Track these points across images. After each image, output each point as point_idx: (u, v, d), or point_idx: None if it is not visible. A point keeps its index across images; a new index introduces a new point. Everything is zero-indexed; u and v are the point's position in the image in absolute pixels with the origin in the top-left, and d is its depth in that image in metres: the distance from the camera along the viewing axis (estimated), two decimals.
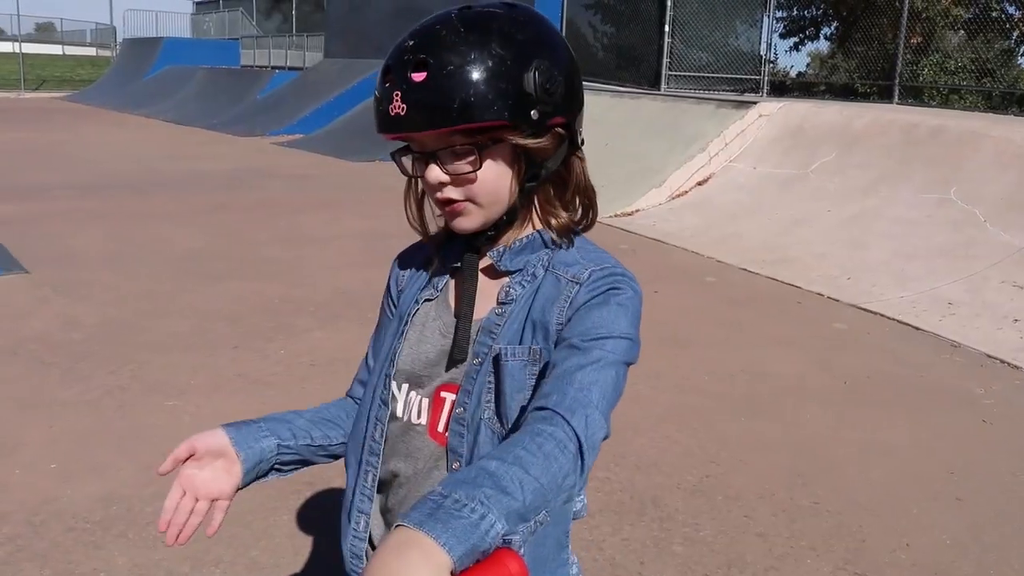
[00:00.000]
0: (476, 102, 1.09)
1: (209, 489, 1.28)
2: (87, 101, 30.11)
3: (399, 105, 1.10)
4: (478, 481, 0.87)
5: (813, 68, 21.74)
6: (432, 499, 0.85)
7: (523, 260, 1.23)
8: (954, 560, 3.11)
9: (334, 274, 6.81)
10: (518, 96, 1.11)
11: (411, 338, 1.29)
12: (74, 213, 9.04)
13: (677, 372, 4.88)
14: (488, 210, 1.19)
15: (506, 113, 1.11)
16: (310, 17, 30.10)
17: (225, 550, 2.98)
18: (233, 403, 4.25)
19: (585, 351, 1.10)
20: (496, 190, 1.17)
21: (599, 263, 1.21)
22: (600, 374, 1.08)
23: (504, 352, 1.18)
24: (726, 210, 9.07)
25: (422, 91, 1.09)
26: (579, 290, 1.17)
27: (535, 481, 0.90)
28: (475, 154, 1.13)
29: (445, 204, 1.19)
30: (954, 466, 3.87)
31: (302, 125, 18.96)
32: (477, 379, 1.20)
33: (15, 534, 3.04)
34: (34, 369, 4.61)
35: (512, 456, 0.92)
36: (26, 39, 39.80)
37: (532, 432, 0.98)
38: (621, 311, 1.15)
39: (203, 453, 1.27)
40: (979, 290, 6.28)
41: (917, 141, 8.62)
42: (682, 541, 3.17)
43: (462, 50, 1.10)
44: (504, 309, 1.22)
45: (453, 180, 1.16)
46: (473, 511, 0.83)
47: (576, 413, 1.01)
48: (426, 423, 1.26)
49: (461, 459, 1.21)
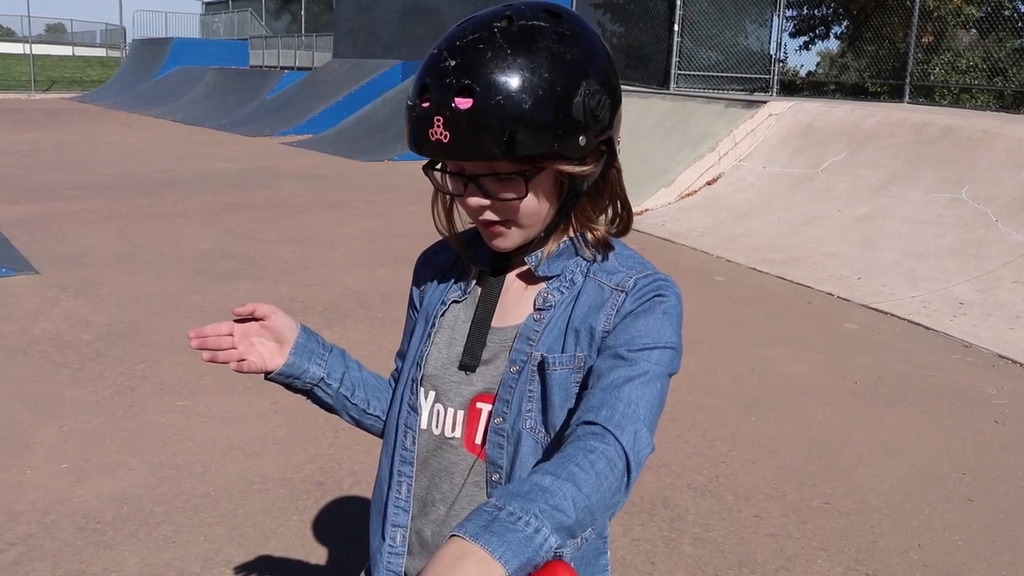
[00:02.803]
0: (525, 135, 1.04)
1: (250, 351, 1.29)
2: (97, 102, 30.23)
3: (441, 132, 1.05)
4: (531, 495, 0.86)
5: (823, 67, 21.71)
6: (486, 511, 0.84)
7: (560, 266, 1.21)
8: (966, 561, 3.10)
9: (343, 274, 6.81)
10: (567, 125, 1.07)
11: (440, 342, 1.26)
12: (84, 213, 9.08)
13: (687, 372, 4.87)
14: (528, 231, 1.17)
15: (556, 145, 1.07)
16: (319, 17, 30.17)
17: (236, 550, 2.98)
18: (243, 403, 4.26)
19: (632, 362, 1.09)
20: (538, 213, 1.15)
21: (641, 270, 1.20)
22: (647, 388, 1.07)
23: (551, 361, 1.16)
24: (736, 210, 9.05)
25: (468, 120, 1.03)
26: (625, 299, 1.16)
27: (586, 499, 0.90)
28: (522, 182, 1.10)
29: (484, 225, 1.17)
30: (966, 467, 3.85)
31: (311, 125, 19.00)
32: (516, 388, 1.17)
33: (27, 534, 3.05)
34: (45, 369, 4.63)
35: (566, 472, 0.91)
36: (36, 40, 39.97)
37: (585, 448, 0.96)
38: (667, 319, 1.15)
39: (270, 326, 1.29)
40: (991, 290, 6.25)
41: (928, 140, 8.59)
42: (692, 541, 3.16)
43: (510, 75, 1.03)
44: (543, 315, 1.19)
45: (494, 205, 1.13)
46: (527, 524, 0.82)
47: (625, 430, 1.00)
48: (461, 436, 1.23)
49: (501, 471, 1.18)
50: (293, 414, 4.13)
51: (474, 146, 1.05)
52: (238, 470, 3.56)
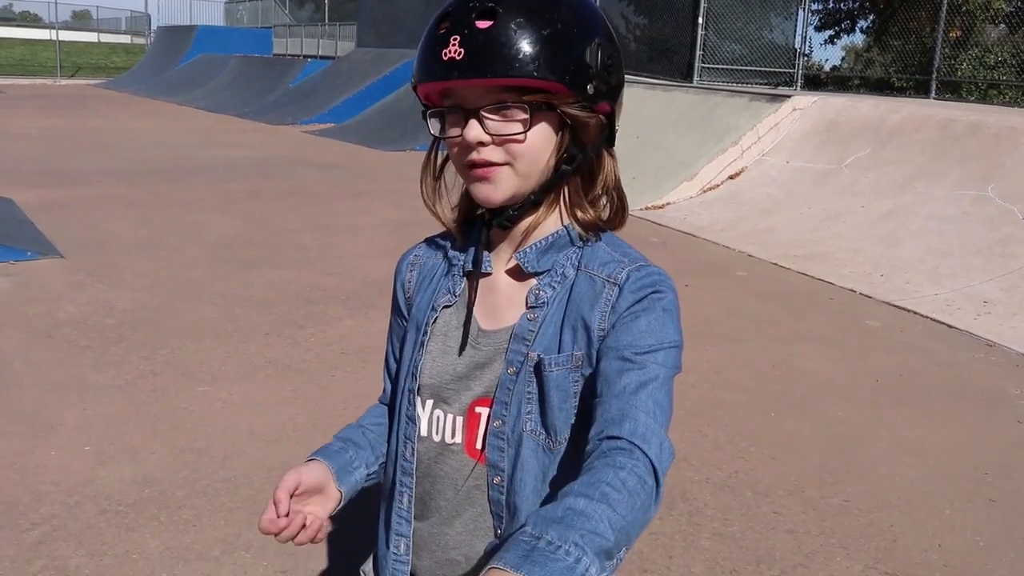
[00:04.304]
0: (541, 58, 1.05)
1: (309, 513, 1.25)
2: (121, 88, 30.44)
3: (456, 49, 1.05)
4: (568, 520, 0.85)
5: (848, 62, 21.52)
6: (524, 540, 0.83)
7: (550, 260, 1.18)
8: (987, 562, 3.07)
9: (365, 263, 6.83)
10: (579, 65, 1.09)
11: (433, 350, 1.23)
12: (109, 199, 9.15)
13: (708, 367, 4.85)
14: (523, 181, 1.13)
15: (567, 77, 1.08)
16: (343, 6, 30.20)
17: (255, 535, 3.00)
18: (264, 389, 4.28)
19: (640, 366, 1.07)
20: (537, 159, 1.12)
21: (633, 261, 1.16)
22: (660, 394, 1.06)
23: (547, 362, 1.13)
24: (758, 204, 9.00)
25: (486, 38, 1.05)
26: (620, 293, 1.13)
27: (622, 519, 0.89)
28: (527, 114, 1.09)
29: (479, 167, 1.12)
30: (988, 467, 3.82)
31: (334, 114, 19.05)
32: (514, 390, 1.15)
33: (51, 514, 3.08)
34: (69, 353, 4.67)
35: (599, 493, 0.90)
36: (62, 27, 40.27)
37: (615, 466, 0.94)
38: (667, 317, 1.12)
39: (307, 487, 1.23)
40: (1016, 288, 6.18)
41: (954, 137, 8.50)
42: (711, 536, 3.15)
43: (531, 6, 1.07)
44: (536, 314, 1.16)
45: (495, 140, 1.10)
46: (568, 553, 0.81)
47: (651, 443, 0.99)
48: (462, 441, 1.21)
49: (503, 474, 1.17)
50: (313, 401, 4.15)
51: (488, 62, 1.05)
52: (258, 456, 3.58)
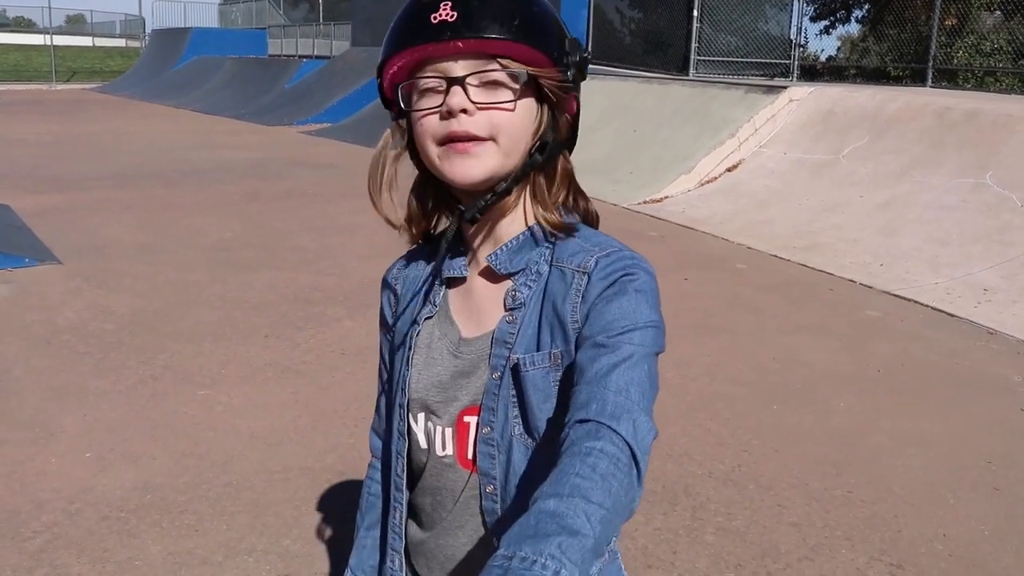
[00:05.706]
0: (532, 26, 1.06)
1: None
2: (117, 92, 30.39)
3: (447, 12, 1.03)
4: (541, 528, 0.79)
5: (844, 52, 21.48)
6: (496, 566, 0.77)
7: (523, 259, 1.15)
8: (992, 551, 3.07)
9: (364, 263, 6.82)
10: (561, 44, 1.10)
11: (418, 363, 1.21)
12: (106, 203, 9.13)
13: (708, 360, 4.84)
14: (504, 159, 1.09)
15: (554, 53, 1.08)
16: (337, 6, 30.14)
17: (258, 539, 2.99)
18: (264, 392, 4.27)
19: (613, 348, 1.01)
20: (520, 135, 1.09)
21: (603, 247, 1.12)
22: (635, 372, 0.99)
23: (523, 362, 1.11)
24: (756, 196, 8.98)
25: (479, 1, 1.04)
26: (589, 281, 1.09)
27: (600, 509, 0.83)
28: (517, 83, 1.06)
29: (460, 140, 1.07)
30: (992, 455, 3.81)
31: (330, 114, 19.00)
32: (500, 394, 1.13)
33: (52, 522, 3.07)
34: (68, 359, 4.66)
35: (569, 487, 0.84)
36: (57, 32, 40.10)
37: (582, 452, 0.89)
38: (640, 298, 1.06)
39: None
40: (1016, 276, 6.17)
41: (951, 125, 8.48)
42: (715, 530, 3.15)
43: None
44: (515, 315, 1.14)
45: (480, 107, 1.05)
46: (545, 567, 0.75)
47: (622, 420, 0.93)
48: (453, 453, 1.19)
49: (495, 482, 1.15)
50: (314, 403, 4.15)
51: (485, 20, 1.04)
52: (260, 459, 3.57)
